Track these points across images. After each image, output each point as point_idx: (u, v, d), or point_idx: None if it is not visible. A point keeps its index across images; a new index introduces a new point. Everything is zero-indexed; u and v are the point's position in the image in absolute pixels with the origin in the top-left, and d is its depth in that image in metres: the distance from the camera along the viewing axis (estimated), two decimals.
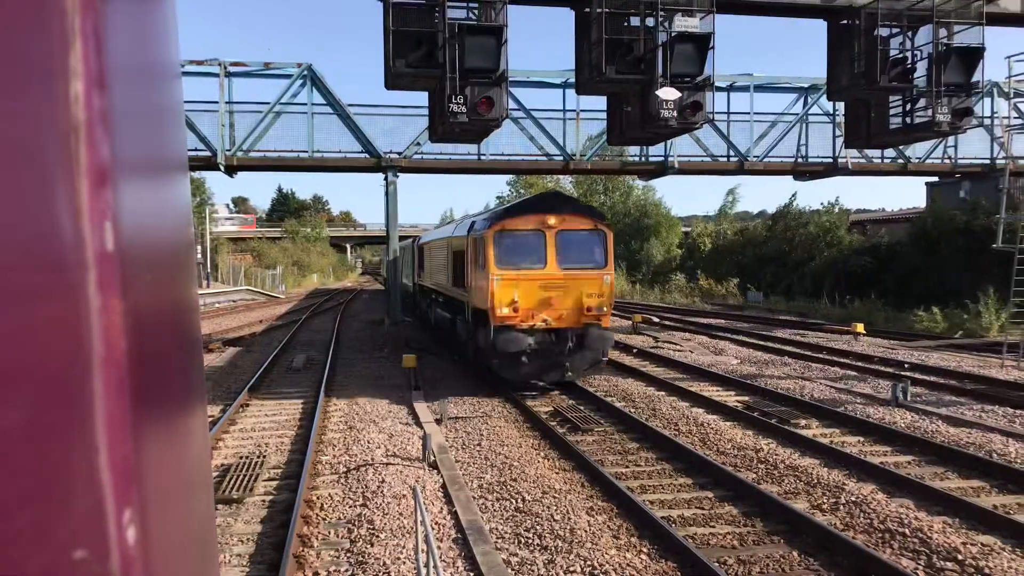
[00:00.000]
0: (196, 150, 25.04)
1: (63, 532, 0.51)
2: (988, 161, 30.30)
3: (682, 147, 28.22)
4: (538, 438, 13.13)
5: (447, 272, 20.80)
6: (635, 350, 24.18)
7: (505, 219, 15.72)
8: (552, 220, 15.58)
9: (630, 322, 31.93)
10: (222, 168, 25.27)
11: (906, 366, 19.99)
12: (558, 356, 15.92)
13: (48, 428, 0.52)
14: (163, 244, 0.82)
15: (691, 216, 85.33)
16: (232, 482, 10.53)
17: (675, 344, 25.65)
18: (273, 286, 72.71)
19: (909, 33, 17.09)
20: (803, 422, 13.89)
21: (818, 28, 17.96)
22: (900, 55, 17.12)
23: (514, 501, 9.85)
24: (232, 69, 25.58)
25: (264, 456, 12.01)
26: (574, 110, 27.26)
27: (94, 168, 0.55)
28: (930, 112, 16.88)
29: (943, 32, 16.82)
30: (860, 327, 26.11)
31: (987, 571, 7.46)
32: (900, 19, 16.88)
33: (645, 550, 8.30)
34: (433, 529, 8.73)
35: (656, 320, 33.25)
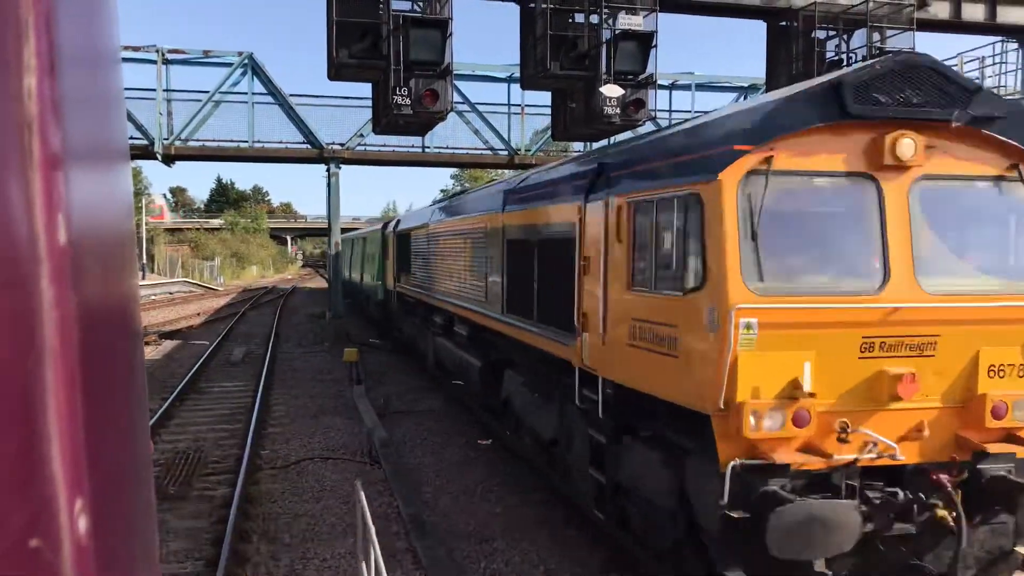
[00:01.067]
0: (133, 139, 24.41)
1: (17, 522, 0.52)
2: None
3: None
4: (483, 433, 13.15)
5: (489, 283, 11.14)
6: None
7: (779, 135, 5.80)
8: (907, 146, 5.87)
9: None
10: (159, 157, 24.67)
11: None
12: (915, 545, 6.03)
13: (1, 418, 0.52)
14: (109, 236, 0.82)
15: None
16: (170, 477, 10.33)
17: None
18: (211, 278, 71.35)
19: (845, 36, 17.53)
20: None
21: (758, 29, 18.31)
22: (836, 57, 17.55)
23: (457, 495, 9.87)
24: (170, 56, 24.99)
25: (202, 451, 11.80)
26: (519, 105, 27.33)
27: (46, 161, 0.55)
28: None
29: (876, 36, 17.28)
30: None
31: None
32: (836, 22, 17.30)
33: (585, 540, 8.38)
34: (375, 523, 8.70)
35: None
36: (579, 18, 15.25)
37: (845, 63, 17.38)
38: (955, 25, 17.95)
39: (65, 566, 0.53)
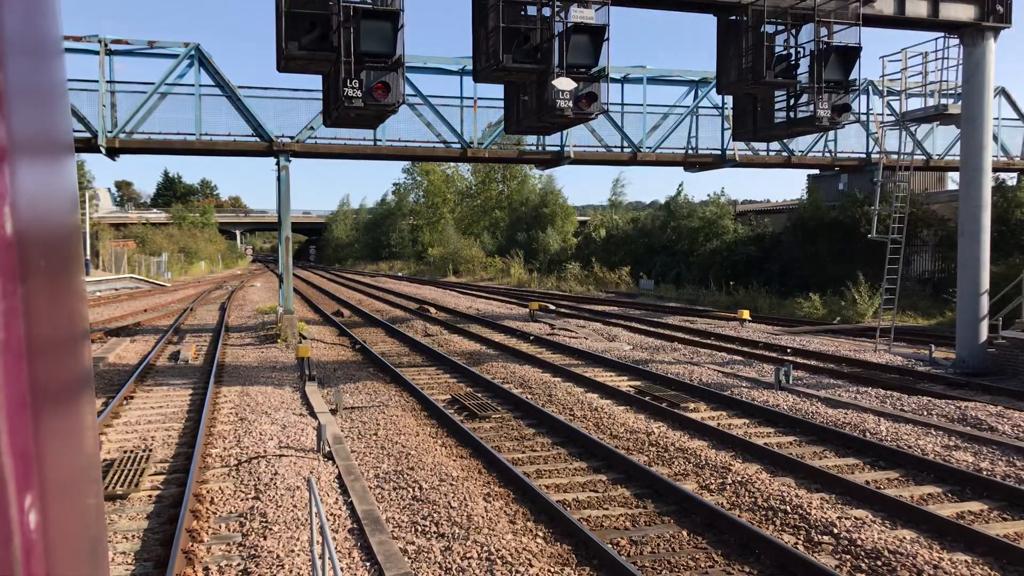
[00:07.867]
0: (75, 131, 23.78)
1: None
2: (864, 155, 31.93)
3: (577, 137, 28.62)
4: (435, 426, 13.13)
5: None
6: (532, 337, 24.47)
7: None
8: None
9: (527, 310, 32.33)
10: (103, 150, 24.10)
11: (788, 351, 20.90)
12: None
13: None
14: (56, 229, 0.81)
15: (587, 206, 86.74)
16: (117, 477, 10.12)
17: (571, 331, 26.04)
18: (158, 274, 70.10)
19: (793, 31, 17.82)
20: (692, 406, 14.35)
21: (708, 23, 18.51)
22: (785, 52, 17.84)
23: (411, 490, 9.84)
24: (113, 47, 24.39)
25: (150, 450, 11.58)
26: (471, 97, 27.25)
27: None
28: (812, 107, 17.66)
29: (824, 31, 17.60)
30: (746, 313, 27.09)
31: (859, 542, 7.91)
32: (784, 17, 17.58)
33: (541, 534, 8.43)
34: (328, 520, 8.64)
35: (552, 308, 33.71)
36: (531, 11, 15.28)
37: (793, 59, 17.67)
38: (899, 21, 18.34)
39: (15, 562, 0.52)
